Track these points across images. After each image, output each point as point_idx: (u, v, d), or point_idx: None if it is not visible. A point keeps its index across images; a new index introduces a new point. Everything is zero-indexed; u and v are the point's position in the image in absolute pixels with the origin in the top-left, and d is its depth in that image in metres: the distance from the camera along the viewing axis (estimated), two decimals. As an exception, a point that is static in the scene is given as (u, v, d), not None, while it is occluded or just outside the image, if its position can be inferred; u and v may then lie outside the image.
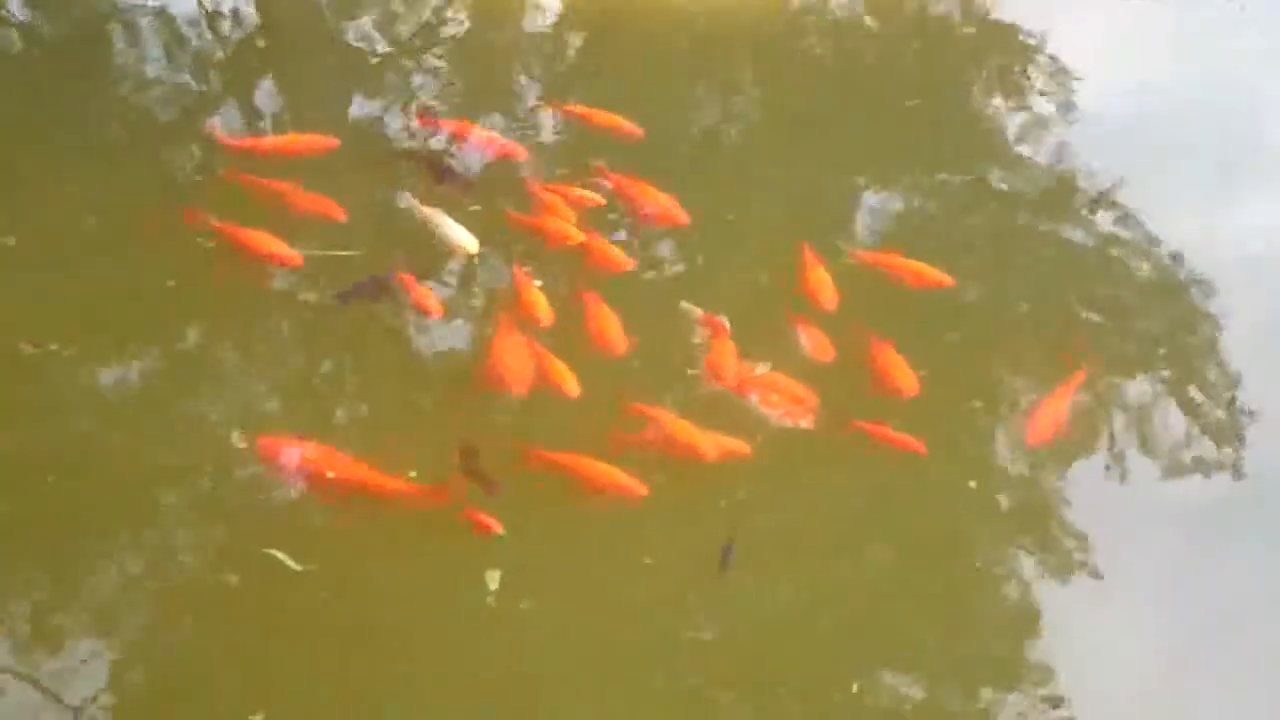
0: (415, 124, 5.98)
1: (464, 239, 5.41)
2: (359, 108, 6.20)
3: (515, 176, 5.78)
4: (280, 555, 4.63)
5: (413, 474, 4.79)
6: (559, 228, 5.41)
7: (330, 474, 4.71)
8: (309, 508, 4.76)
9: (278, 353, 5.22)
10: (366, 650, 4.43)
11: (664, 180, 5.64)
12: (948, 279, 5.38)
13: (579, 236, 5.37)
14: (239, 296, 5.26)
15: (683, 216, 5.54)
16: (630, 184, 5.64)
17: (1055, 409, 5.01)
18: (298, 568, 4.60)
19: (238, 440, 4.84)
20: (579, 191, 5.60)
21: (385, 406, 5.08)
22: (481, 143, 5.77)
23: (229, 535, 4.70)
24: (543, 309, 5.16)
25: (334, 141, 5.73)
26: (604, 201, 5.58)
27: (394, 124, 6.11)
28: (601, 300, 5.21)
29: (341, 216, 5.40)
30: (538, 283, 5.29)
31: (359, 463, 4.73)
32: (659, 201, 5.57)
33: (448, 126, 5.91)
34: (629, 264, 5.38)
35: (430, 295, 5.22)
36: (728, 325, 5.18)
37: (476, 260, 5.44)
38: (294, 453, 4.77)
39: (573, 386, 4.92)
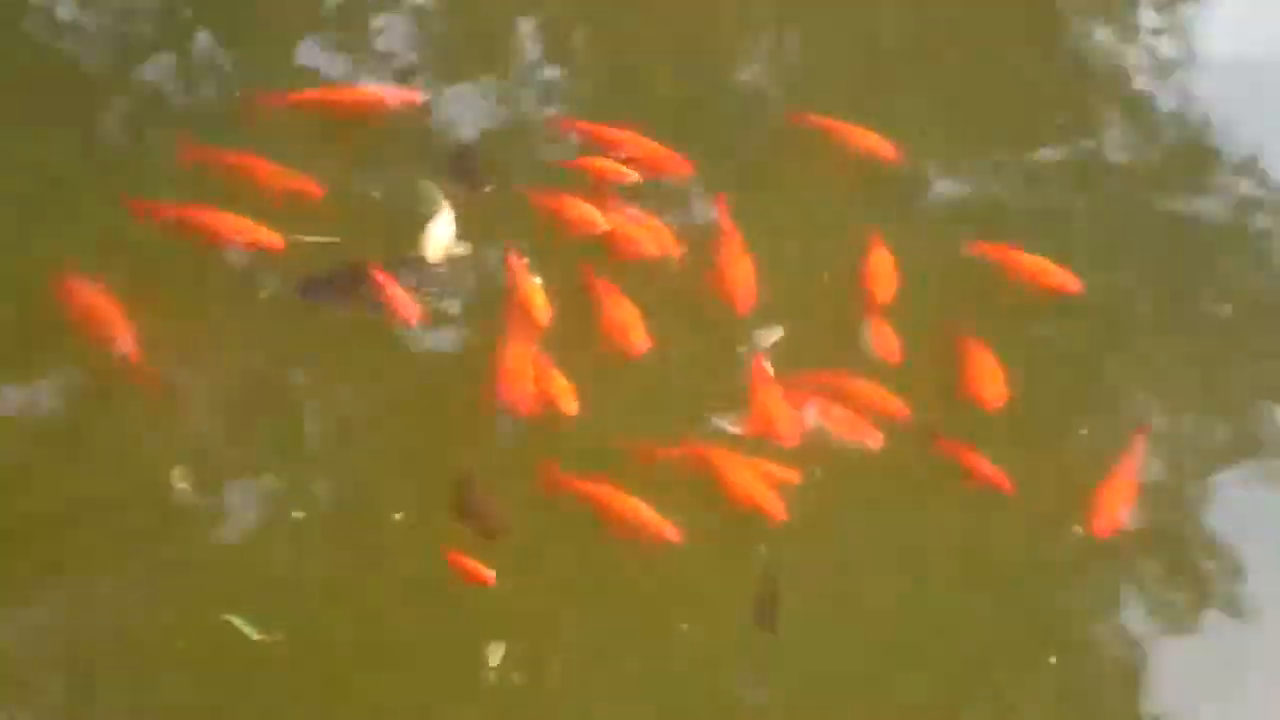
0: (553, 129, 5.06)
1: (432, 241, 4.58)
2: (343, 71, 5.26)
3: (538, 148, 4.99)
4: (238, 621, 3.94)
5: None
6: (582, 212, 4.59)
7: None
8: (270, 557, 4.08)
9: (230, 364, 4.42)
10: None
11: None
12: (1075, 282, 4.59)
13: (603, 224, 4.56)
14: (183, 294, 4.46)
15: (685, 165, 4.77)
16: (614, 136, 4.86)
17: (1120, 491, 4.21)
18: (258, 637, 3.92)
19: (178, 479, 4.12)
20: (608, 165, 4.76)
21: (365, 429, 4.33)
22: (639, 151, 4.81)
23: (173, 590, 4.00)
24: (540, 307, 4.41)
25: (416, 95, 4.98)
26: (637, 177, 4.74)
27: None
28: (617, 291, 4.45)
29: (319, 194, 4.61)
30: (537, 278, 4.49)
31: None
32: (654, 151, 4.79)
33: (593, 132, 4.93)
34: (660, 250, 4.56)
35: (407, 297, 4.43)
36: (770, 369, 4.36)
37: (467, 252, 4.63)
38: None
39: (570, 404, 4.21)
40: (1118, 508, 4.16)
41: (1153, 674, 4.01)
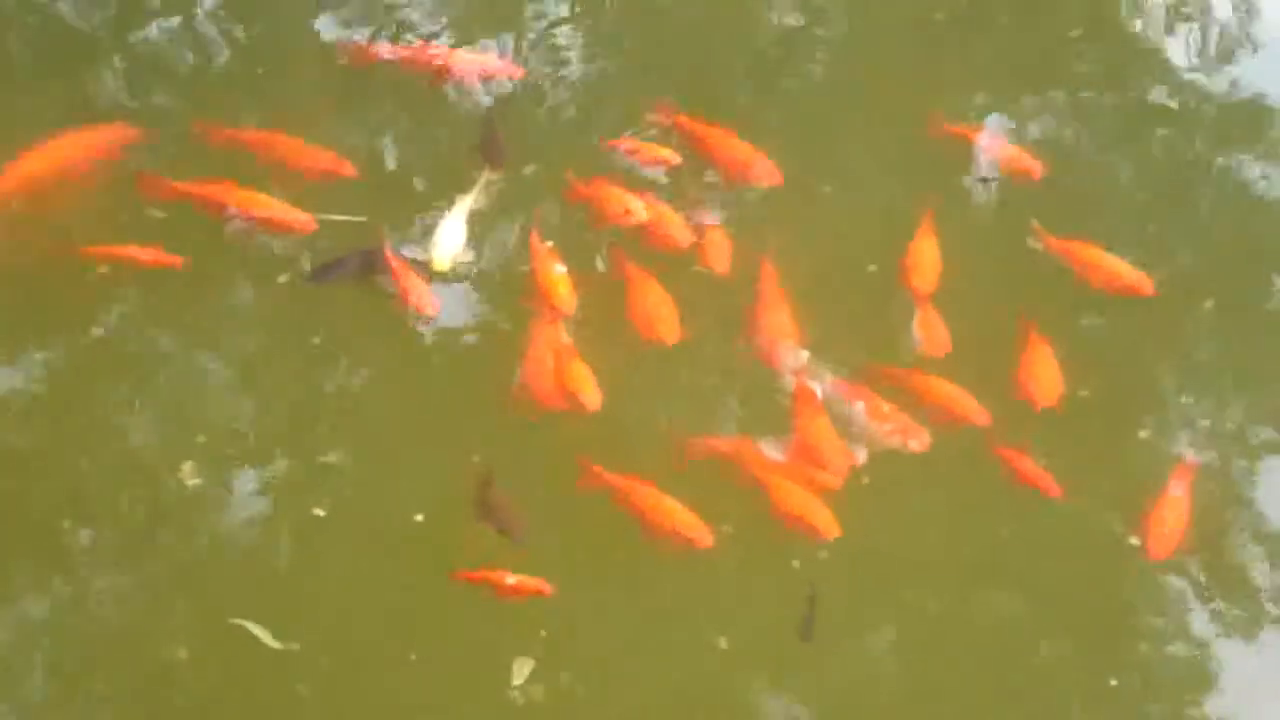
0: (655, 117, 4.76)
1: (439, 250, 4.33)
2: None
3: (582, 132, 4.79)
4: (253, 627, 3.77)
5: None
6: (620, 202, 4.40)
7: None
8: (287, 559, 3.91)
9: (239, 352, 4.26)
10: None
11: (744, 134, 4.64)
12: (1148, 284, 4.35)
13: (643, 214, 4.37)
14: (190, 279, 4.27)
15: (776, 174, 4.55)
16: (708, 132, 4.64)
17: (1172, 513, 3.98)
18: (275, 644, 3.75)
19: (189, 474, 3.95)
20: (653, 150, 4.58)
21: (381, 424, 4.15)
22: (728, 153, 4.60)
23: (182, 597, 3.83)
24: (565, 295, 4.23)
25: (519, 70, 4.84)
26: (680, 160, 4.56)
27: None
28: (650, 277, 4.27)
29: (350, 173, 4.44)
30: (561, 265, 4.31)
31: None
32: (744, 155, 4.58)
33: (693, 129, 4.68)
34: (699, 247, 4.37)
35: (424, 285, 4.23)
36: (819, 393, 4.12)
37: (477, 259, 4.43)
38: None
39: (593, 399, 4.02)
40: (1173, 529, 3.94)
41: (1213, 695, 3.82)
